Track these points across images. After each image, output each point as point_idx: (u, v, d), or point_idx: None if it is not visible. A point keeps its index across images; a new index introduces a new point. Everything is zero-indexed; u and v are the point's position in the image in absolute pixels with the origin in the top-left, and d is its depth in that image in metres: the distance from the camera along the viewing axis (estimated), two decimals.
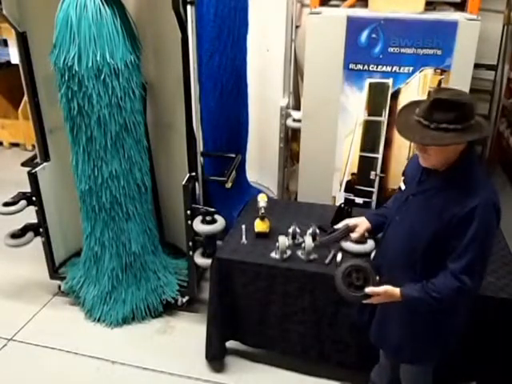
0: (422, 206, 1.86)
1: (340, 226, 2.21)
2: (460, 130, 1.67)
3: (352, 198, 3.34)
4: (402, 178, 2.09)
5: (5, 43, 5.10)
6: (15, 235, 3.15)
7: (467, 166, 1.77)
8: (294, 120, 3.52)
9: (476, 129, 1.71)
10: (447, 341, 2.00)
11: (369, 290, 1.90)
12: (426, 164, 1.82)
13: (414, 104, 1.83)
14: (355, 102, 3.10)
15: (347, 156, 3.25)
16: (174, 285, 3.18)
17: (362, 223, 2.18)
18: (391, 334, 2.04)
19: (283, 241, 2.54)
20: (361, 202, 3.31)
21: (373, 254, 2.41)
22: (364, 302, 1.93)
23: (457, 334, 2.01)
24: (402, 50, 2.89)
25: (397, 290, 1.86)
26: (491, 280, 2.37)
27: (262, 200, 2.73)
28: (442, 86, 2.87)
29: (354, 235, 2.21)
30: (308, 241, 2.55)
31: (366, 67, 2.99)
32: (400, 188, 2.08)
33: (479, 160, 1.86)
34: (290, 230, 2.70)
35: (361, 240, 2.58)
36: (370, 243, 2.54)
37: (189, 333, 3.05)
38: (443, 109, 1.67)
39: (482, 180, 1.78)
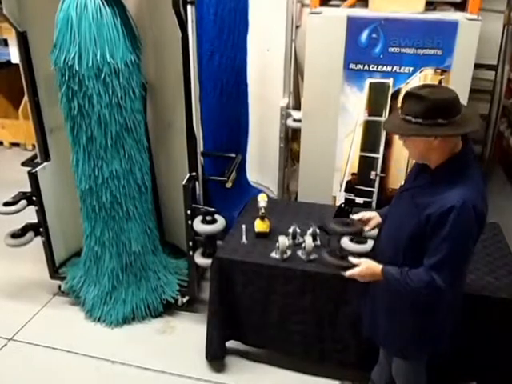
0: (408, 201, 1.89)
1: (356, 217, 2.24)
2: (422, 124, 1.69)
3: (352, 197, 3.34)
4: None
5: (5, 43, 5.09)
6: (15, 235, 3.15)
7: (455, 165, 1.78)
8: (294, 120, 3.52)
9: (447, 128, 1.70)
10: (434, 339, 2.00)
11: (352, 258, 2.00)
12: (412, 158, 1.91)
13: None
14: (355, 102, 3.10)
15: (347, 156, 3.25)
16: (174, 285, 3.18)
17: (374, 218, 2.21)
18: (380, 324, 2.07)
19: (283, 241, 2.55)
20: (361, 201, 3.31)
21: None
22: (348, 274, 1.98)
23: (445, 333, 2.01)
24: (403, 50, 2.89)
25: (379, 266, 1.92)
26: (491, 280, 2.37)
27: (262, 200, 2.73)
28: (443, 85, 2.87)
29: (366, 228, 2.23)
30: (308, 241, 2.55)
31: (366, 67, 2.99)
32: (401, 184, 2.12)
33: (474, 161, 1.86)
34: (290, 230, 2.70)
35: (361, 240, 2.59)
36: (370, 243, 2.54)
37: (189, 333, 3.05)
38: (410, 101, 1.72)
39: (468, 181, 1.75)
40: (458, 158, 1.78)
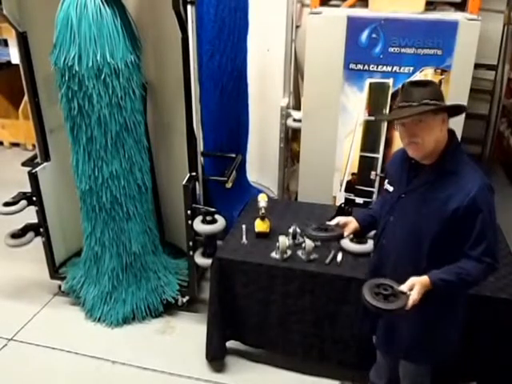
0: (418, 203, 1.87)
1: (332, 223, 2.21)
2: (437, 104, 1.77)
3: (352, 197, 3.34)
4: (387, 180, 2.09)
5: (5, 43, 5.10)
6: (15, 235, 3.15)
7: (454, 156, 1.84)
8: (295, 120, 3.52)
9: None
10: (452, 340, 2.01)
11: (404, 286, 1.78)
12: (417, 153, 1.84)
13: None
14: (355, 102, 3.10)
15: (347, 156, 3.25)
16: (174, 285, 3.18)
17: (351, 222, 2.19)
18: (401, 337, 2.02)
19: (283, 241, 2.55)
20: (361, 201, 3.31)
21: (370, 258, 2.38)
22: (410, 306, 1.75)
23: (459, 333, 2.02)
24: (403, 50, 2.89)
25: (425, 278, 1.79)
26: (491, 280, 2.36)
27: (262, 200, 2.73)
28: (443, 86, 2.87)
29: (345, 233, 2.21)
30: (308, 241, 2.55)
31: (366, 67, 2.99)
32: (386, 189, 2.06)
33: (462, 149, 1.92)
34: (291, 230, 2.70)
35: (361, 240, 2.59)
36: (370, 243, 2.54)
37: (189, 333, 3.05)
38: (420, 86, 1.80)
39: (469, 165, 1.84)
40: (452, 147, 1.84)
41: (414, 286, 1.78)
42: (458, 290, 1.87)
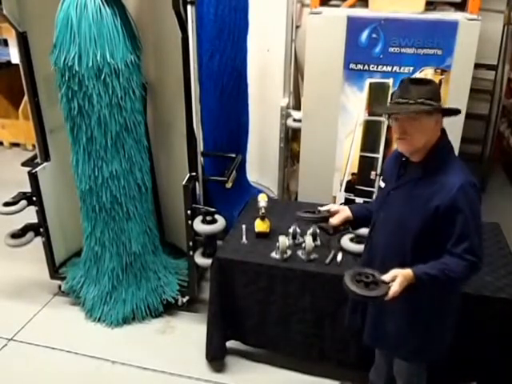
0: (405, 198, 1.89)
1: (323, 208, 2.22)
2: (434, 105, 1.78)
3: (352, 197, 3.34)
4: (381, 177, 2.11)
5: (5, 43, 5.10)
6: (15, 235, 3.15)
7: (442, 154, 1.85)
8: (295, 120, 3.52)
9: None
10: (443, 340, 2.01)
11: (386, 276, 1.77)
12: (406, 148, 1.86)
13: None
14: (355, 102, 3.10)
15: (347, 156, 3.25)
16: (174, 285, 3.18)
17: (343, 210, 2.19)
18: (389, 332, 2.03)
19: (283, 241, 2.55)
20: (361, 202, 3.31)
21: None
22: (390, 296, 1.74)
23: (450, 333, 2.02)
24: (403, 50, 2.89)
25: (408, 271, 1.78)
26: (490, 280, 2.37)
27: (262, 200, 2.73)
28: (443, 86, 2.87)
29: (332, 220, 2.20)
30: (308, 241, 2.55)
31: (366, 67, 2.99)
32: (380, 187, 2.09)
33: (452, 148, 1.93)
34: (291, 230, 2.70)
35: (361, 240, 2.59)
36: None
37: (189, 333, 3.05)
38: (419, 84, 1.81)
39: (456, 164, 1.85)
40: (441, 146, 1.85)
41: (396, 278, 1.77)
42: (441, 285, 1.85)
